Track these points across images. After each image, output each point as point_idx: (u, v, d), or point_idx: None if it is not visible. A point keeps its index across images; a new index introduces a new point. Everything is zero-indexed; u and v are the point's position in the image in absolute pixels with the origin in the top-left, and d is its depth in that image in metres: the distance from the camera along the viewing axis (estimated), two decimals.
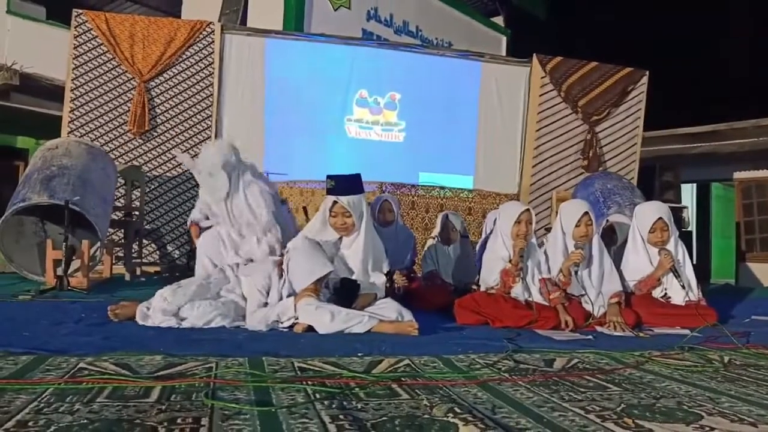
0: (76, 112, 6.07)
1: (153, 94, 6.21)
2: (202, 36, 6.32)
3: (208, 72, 6.34)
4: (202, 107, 6.36)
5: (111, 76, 6.13)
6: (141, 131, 6.13)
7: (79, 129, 6.06)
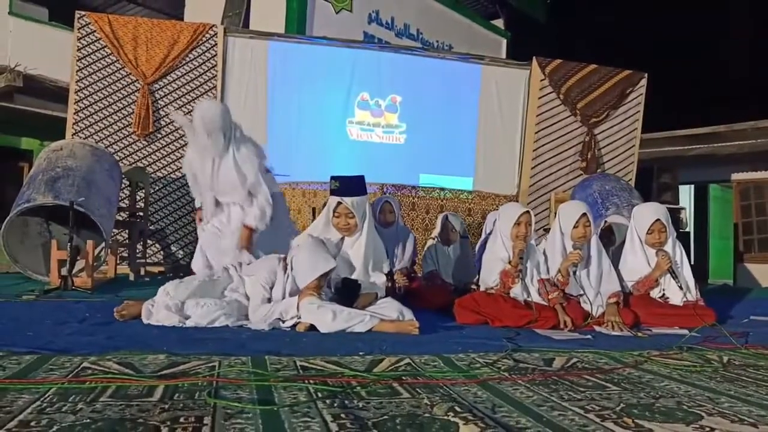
0: (80, 113, 6.07)
1: (157, 96, 6.21)
2: (205, 39, 6.33)
3: (211, 74, 6.34)
4: None
5: (115, 78, 6.13)
6: (145, 133, 6.14)
7: (84, 131, 6.06)
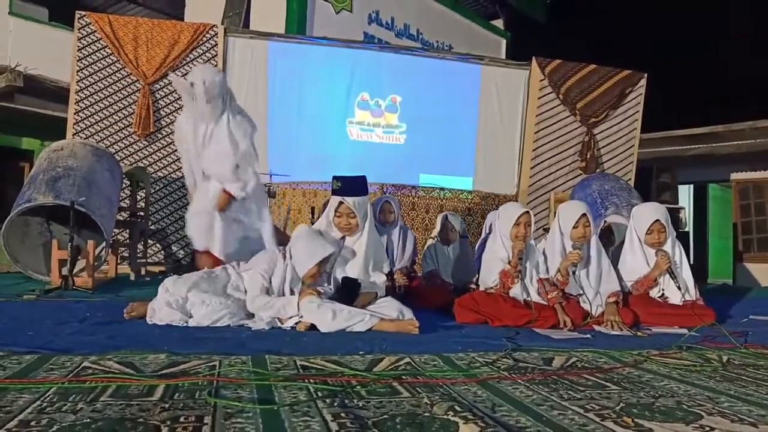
0: (81, 113, 6.08)
1: (157, 96, 6.22)
2: (205, 39, 6.34)
3: None
4: None
5: (115, 78, 6.15)
6: (146, 133, 6.15)
7: (85, 131, 6.08)
